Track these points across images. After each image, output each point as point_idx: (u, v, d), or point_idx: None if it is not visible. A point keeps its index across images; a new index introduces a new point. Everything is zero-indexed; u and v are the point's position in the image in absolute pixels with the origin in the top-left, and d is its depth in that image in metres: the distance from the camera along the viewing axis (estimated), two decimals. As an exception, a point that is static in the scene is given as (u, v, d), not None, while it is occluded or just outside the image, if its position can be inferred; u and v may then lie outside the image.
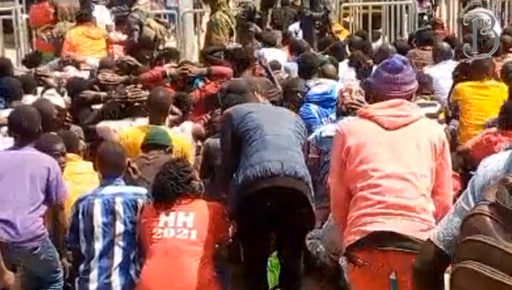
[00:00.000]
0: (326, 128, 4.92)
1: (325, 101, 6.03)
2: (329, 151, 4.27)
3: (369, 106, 3.54)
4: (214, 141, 4.80)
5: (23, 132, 4.32)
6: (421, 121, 3.37)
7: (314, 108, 6.00)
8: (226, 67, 6.59)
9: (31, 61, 8.25)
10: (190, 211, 4.00)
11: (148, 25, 9.05)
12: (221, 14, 9.62)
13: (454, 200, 2.79)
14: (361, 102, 4.97)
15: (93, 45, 9.20)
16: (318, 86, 6.24)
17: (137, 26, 9.08)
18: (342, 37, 10.21)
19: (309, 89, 6.23)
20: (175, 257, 3.93)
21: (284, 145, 3.94)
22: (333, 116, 5.55)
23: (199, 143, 5.49)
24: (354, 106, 5.01)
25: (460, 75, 6.66)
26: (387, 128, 3.28)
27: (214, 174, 4.75)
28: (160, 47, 9.26)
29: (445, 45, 8.09)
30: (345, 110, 4.99)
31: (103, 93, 6.28)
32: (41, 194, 4.15)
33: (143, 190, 4.22)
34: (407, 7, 11.95)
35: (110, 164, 4.27)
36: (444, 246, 2.11)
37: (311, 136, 4.96)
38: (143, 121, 5.41)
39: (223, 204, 4.18)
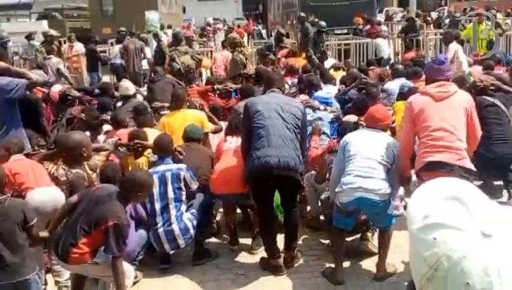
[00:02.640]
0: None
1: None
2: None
3: (426, 86, 4.79)
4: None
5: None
6: (457, 93, 4.66)
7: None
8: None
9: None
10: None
11: (175, 60, 11.27)
12: (237, 54, 11.81)
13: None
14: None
15: None
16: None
17: (171, 62, 11.61)
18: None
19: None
20: (237, 156, 5.52)
21: (282, 144, 5.05)
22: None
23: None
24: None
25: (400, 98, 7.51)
26: (436, 100, 4.61)
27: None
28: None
29: (400, 66, 10.11)
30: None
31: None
32: None
33: (184, 165, 5.41)
34: (367, 44, 14.80)
35: (162, 149, 5.51)
36: None
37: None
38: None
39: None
